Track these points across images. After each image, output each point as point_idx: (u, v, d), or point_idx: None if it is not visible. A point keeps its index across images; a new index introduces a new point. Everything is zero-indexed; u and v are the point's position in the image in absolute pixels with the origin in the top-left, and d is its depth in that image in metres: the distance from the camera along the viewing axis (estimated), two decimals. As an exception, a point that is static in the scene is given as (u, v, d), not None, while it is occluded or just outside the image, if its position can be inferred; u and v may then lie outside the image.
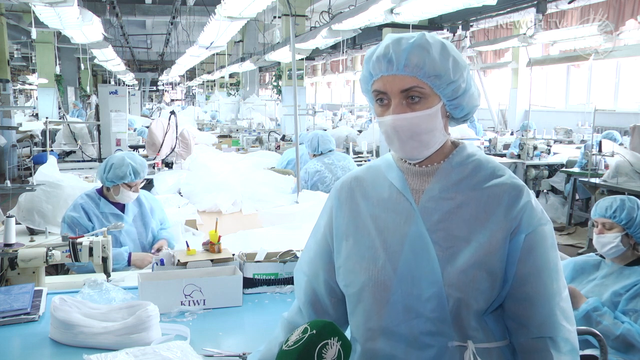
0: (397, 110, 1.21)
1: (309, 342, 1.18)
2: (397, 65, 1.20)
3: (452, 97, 1.24)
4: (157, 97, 32.67)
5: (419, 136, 1.23)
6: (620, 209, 2.45)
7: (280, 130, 10.46)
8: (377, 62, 1.23)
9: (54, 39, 11.67)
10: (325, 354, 1.17)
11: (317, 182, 4.60)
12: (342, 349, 1.19)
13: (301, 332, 1.20)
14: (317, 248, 1.41)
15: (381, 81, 1.23)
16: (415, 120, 1.21)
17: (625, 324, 2.27)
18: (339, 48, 10.57)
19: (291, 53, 4.16)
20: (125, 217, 3.11)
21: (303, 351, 1.17)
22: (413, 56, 1.19)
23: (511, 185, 1.25)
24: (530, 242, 1.22)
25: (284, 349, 1.21)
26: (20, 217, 3.58)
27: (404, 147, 1.24)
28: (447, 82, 1.21)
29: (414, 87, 1.20)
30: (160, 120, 6.14)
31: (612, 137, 7.08)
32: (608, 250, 2.47)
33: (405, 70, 1.20)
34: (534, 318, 1.23)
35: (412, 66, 1.19)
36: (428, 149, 1.26)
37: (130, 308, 1.87)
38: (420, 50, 1.20)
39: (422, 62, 1.19)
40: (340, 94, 22.58)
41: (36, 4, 5.19)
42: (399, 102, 1.22)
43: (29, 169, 7.97)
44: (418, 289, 1.22)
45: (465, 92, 1.25)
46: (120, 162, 3.03)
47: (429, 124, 1.22)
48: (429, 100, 1.22)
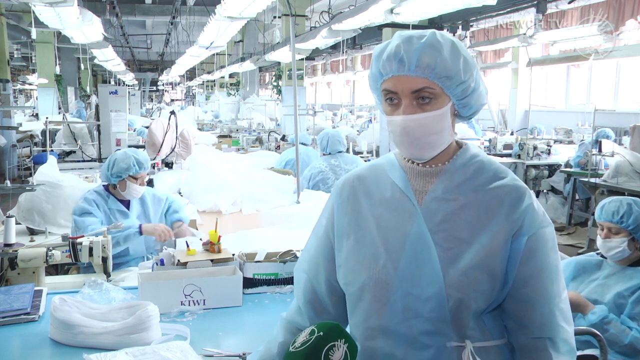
0: (408, 110, 1.21)
1: (317, 343, 1.17)
2: (408, 66, 1.19)
3: (462, 96, 1.23)
4: (157, 97, 32.64)
5: (427, 137, 1.22)
6: (628, 215, 2.42)
7: (280, 130, 10.45)
8: (387, 61, 1.21)
9: (54, 39, 11.65)
10: (332, 355, 1.17)
11: (319, 182, 4.57)
12: (349, 350, 1.19)
13: (308, 334, 1.20)
14: (318, 246, 1.40)
15: (391, 81, 1.22)
16: (425, 121, 1.21)
17: (633, 330, 2.26)
18: (339, 48, 10.55)
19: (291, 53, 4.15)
20: (130, 213, 3.15)
21: (310, 353, 1.17)
22: (425, 57, 1.18)
23: (513, 187, 1.25)
24: (531, 245, 1.22)
25: (291, 350, 1.20)
26: (20, 217, 3.58)
27: (412, 147, 1.24)
28: (457, 82, 1.21)
29: (425, 87, 1.20)
30: (160, 120, 6.13)
31: (605, 134, 7.11)
32: (614, 255, 2.46)
33: (417, 71, 1.19)
34: (534, 319, 1.24)
35: (424, 67, 1.19)
36: (435, 150, 1.25)
37: (130, 308, 1.87)
38: (431, 50, 1.19)
39: (434, 63, 1.18)
40: (340, 94, 22.54)
41: (36, 4, 5.19)
42: (410, 102, 1.21)
43: (29, 169, 7.97)
44: (418, 289, 1.22)
45: (474, 91, 1.25)
46: (123, 156, 3.12)
47: (438, 124, 1.22)
48: (439, 101, 1.22)
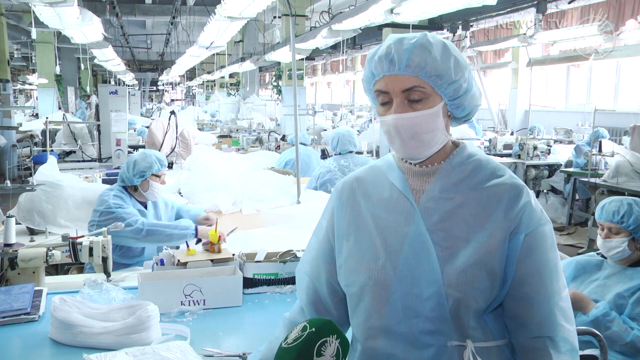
0: (399, 109, 1.22)
1: (308, 339, 1.19)
2: (398, 65, 1.21)
3: (454, 96, 1.24)
4: (157, 97, 32.65)
5: (419, 136, 1.23)
6: (628, 215, 2.42)
7: (280, 130, 10.45)
8: (379, 62, 1.24)
9: (54, 39, 11.66)
10: (324, 351, 1.18)
11: (326, 182, 4.52)
12: (341, 346, 1.20)
13: (300, 330, 1.21)
14: (319, 248, 1.41)
15: (383, 81, 1.24)
16: (416, 120, 1.22)
17: (634, 330, 2.26)
18: (339, 48, 10.54)
19: (291, 53, 4.15)
20: (147, 214, 3.16)
21: (302, 349, 1.18)
22: (415, 56, 1.20)
23: (511, 185, 1.25)
24: (529, 242, 1.22)
25: (283, 346, 1.22)
26: (20, 217, 3.58)
27: (405, 146, 1.25)
28: (448, 81, 1.22)
29: (415, 86, 1.21)
30: (160, 120, 6.14)
31: (600, 135, 7.14)
32: (614, 255, 2.46)
33: (407, 70, 1.21)
34: (533, 318, 1.24)
35: (414, 66, 1.20)
36: (429, 149, 1.26)
37: (130, 308, 1.87)
38: (421, 50, 1.20)
39: (424, 62, 1.20)
40: (340, 94, 22.54)
41: (36, 4, 5.19)
42: (401, 101, 1.22)
43: (29, 169, 7.98)
44: (418, 289, 1.22)
45: (466, 92, 1.26)
46: (142, 156, 3.12)
47: (430, 123, 1.23)
48: (430, 100, 1.23)
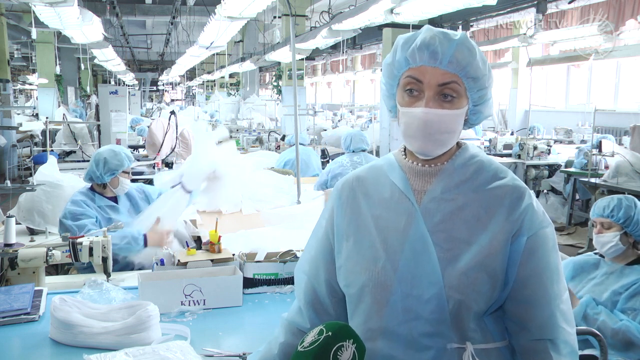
0: (431, 104, 1.21)
1: (325, 343, 1.17)
2: (442, 59, 1.20)
3: (478, 102, 1.26)
4: (157, 97, 32.62)
5: (442, 134, 1.23)
6: (618, 208, 2.47)
7: (280, 130, 10.45)
8: (419, 50, 1.21)
9: (54, 39, 11.66)
10: (341, 356, 1.16)
11: (337, 175, 4.77)
12: (357, 351, 1.18)
13: (317, 334, 1.19)
14: (318, 247, 1.40)
15: (419, 70, 1.22)
16: (445, 118, 1.22)
17: (623, 321, 2.27)
18: (339, 48, 10.53)
19: (291, 53, 4.15)
20: (119, 207, 3.14)
21: (319, 353, 1.16)
22: (459, 54, 1.20)
23: (513, 187, 1.25)
24: (531, 245, 1.22)
25: (299, 350, 1.20)
26: (20, 217, 3.58)
27: (425, 141, 1.23)
28: (480, 87, 1.23)
29: (452, 82, 1.21)
30: (160, 120, 6.14)
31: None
32: (608, 250, 2.48)
33: (449, 66, 1.20)
34: (534, 320, 1.23)
35: (457, 63, 1.20)
36: (444, 148, 1.26)
37: (130, 308, 1.87)
38: (466, 50, 1.21)
39: (466, 62, 1.20)
40: (340, 94, 22.55)
41: (36, 4, 5.19)
42: (433, 95, 1.21)
43: (29, 169, 7.97)
44: (418, 290, 1.21)
45: (487, 101, 1.27)
46: (112, 154, 3.08)
47: (454, 124, 1.24)
48: (459, 101, 1.23)
